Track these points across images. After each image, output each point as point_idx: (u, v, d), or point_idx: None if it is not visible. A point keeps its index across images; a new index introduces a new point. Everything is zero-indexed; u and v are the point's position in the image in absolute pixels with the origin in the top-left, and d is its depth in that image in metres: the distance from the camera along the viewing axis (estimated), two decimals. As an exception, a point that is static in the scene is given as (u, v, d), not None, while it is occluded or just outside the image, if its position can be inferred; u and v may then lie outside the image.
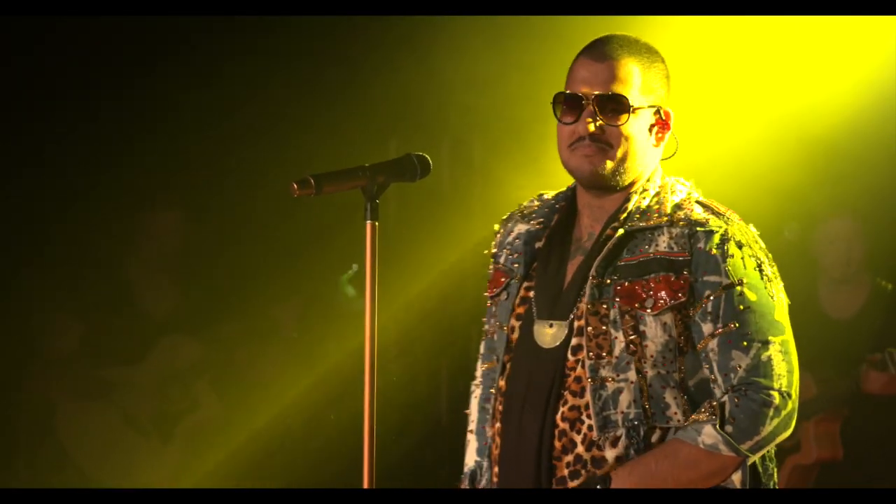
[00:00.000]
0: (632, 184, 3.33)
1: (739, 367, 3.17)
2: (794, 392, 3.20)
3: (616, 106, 3.28)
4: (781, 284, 3.29)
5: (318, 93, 6.76)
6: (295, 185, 3.15)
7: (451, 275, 6.60)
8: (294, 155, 6.65)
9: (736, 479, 3.17)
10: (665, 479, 3.15)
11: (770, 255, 3.31)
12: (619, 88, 3.27)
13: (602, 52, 3.30)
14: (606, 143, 3.28)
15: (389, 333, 7.24)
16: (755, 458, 3.18)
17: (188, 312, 6.58)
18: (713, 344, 3.19)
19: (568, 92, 3.30)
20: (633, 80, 3.29)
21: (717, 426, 3.13)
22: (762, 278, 3.25)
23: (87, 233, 6.49)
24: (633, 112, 3.28)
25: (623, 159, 3.29)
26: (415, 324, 6.85)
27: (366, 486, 3.17)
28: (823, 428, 6.12)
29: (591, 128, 3.26)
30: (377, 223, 3.22)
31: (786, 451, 6.28)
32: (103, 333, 6.34)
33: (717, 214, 3.30)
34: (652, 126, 3.33)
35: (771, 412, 3.15)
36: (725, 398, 3.16)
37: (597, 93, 3.27)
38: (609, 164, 3.28)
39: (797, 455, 6.22)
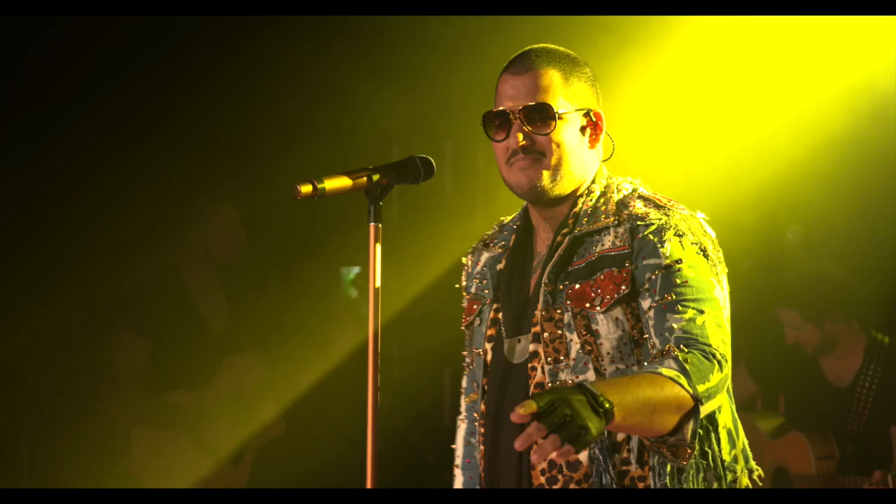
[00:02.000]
0: (576, 189, 3.36)
1: (674, 326, 3.13)
2: (729, 361, 3.14)
3: (542, 115, 3.30)
4: (726, 272, 3.28)
5: (321, 95, 6.75)
6: (298, 187, 3.15)
7: (453, 276, 6.58)
8: (296, 158, 6.64)
9: (688, 429, 3.04)
10: (626, 385, 2.95)
11: (716, 241, 3.30)
12: (542, 97, 3.30)
13: (522, 65, 3.32)
14: (538, 152, 3.31)
15: (392, 335, 7.24)
16: (703, 410, 3.06)
17: (243, 328, 6.45)
18: (651, 314, 3.18)
19: (494, 110, 3.32)
20: (556, 86, 3.31)
21: (674, 365, 3.04)
22: (708, 262, 3.23)
23: (148, 243, 6.36)
24: (559, 118, 3.30)
25: (557, 167, 3.32)
26: (417, 325, 6.85)
27: (369, 485, 3.17)
28: None
29: (521, 140, 3.29)
30: (380, 225, 3.22)
31: None
32: (170, 353, 6.17)
33: (658, 207, 3.30)
34: (583, 129, 3.35)
35: (715, 365, 3.08)
36: (668, 353, 3.08)
37: (521, 105, 3.29)
38: (545, 174, 3.31)
39: None
